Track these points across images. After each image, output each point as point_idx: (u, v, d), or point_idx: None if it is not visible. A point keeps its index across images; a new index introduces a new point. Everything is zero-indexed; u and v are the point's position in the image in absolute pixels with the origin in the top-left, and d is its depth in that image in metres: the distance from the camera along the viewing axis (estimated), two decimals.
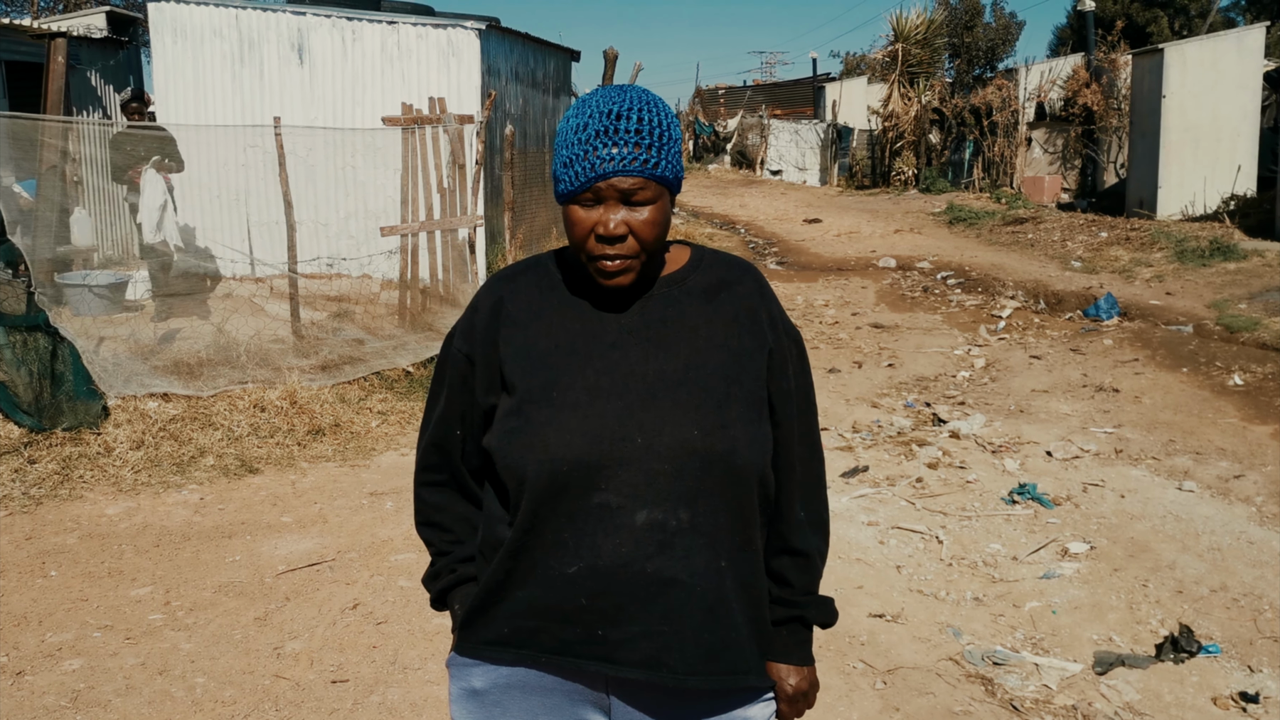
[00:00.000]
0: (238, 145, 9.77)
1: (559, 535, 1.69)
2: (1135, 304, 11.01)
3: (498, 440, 1.74)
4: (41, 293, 6.49)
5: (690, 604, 1.70)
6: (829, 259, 15.71)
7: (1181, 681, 3.99)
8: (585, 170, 1.65)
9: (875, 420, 7.46)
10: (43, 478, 5.85)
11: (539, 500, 1.68)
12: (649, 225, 1.67)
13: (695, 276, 1.81)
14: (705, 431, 1.68)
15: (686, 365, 1.72)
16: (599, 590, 1.68)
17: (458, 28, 11.28)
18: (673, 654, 1.70)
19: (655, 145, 1.66)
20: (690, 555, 1.69)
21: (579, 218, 1.68)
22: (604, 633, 1.70)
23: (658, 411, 1.69)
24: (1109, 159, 22.23)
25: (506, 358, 1.76)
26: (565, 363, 1.72)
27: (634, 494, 1.67)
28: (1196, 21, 31.27)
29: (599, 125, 1.65)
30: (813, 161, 32.06)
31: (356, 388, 7.44)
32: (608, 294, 1.76)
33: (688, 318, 1.76)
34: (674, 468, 1.67)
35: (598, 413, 1.68)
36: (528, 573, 1.72)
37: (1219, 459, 6.50)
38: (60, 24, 13.54)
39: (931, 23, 26.51)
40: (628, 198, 1.66)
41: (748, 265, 1.88)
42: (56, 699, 3.77)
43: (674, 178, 1.71)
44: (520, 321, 1.78)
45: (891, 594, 4.72)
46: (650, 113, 1.68)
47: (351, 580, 4.78)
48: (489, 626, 1.77)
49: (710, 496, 1.69)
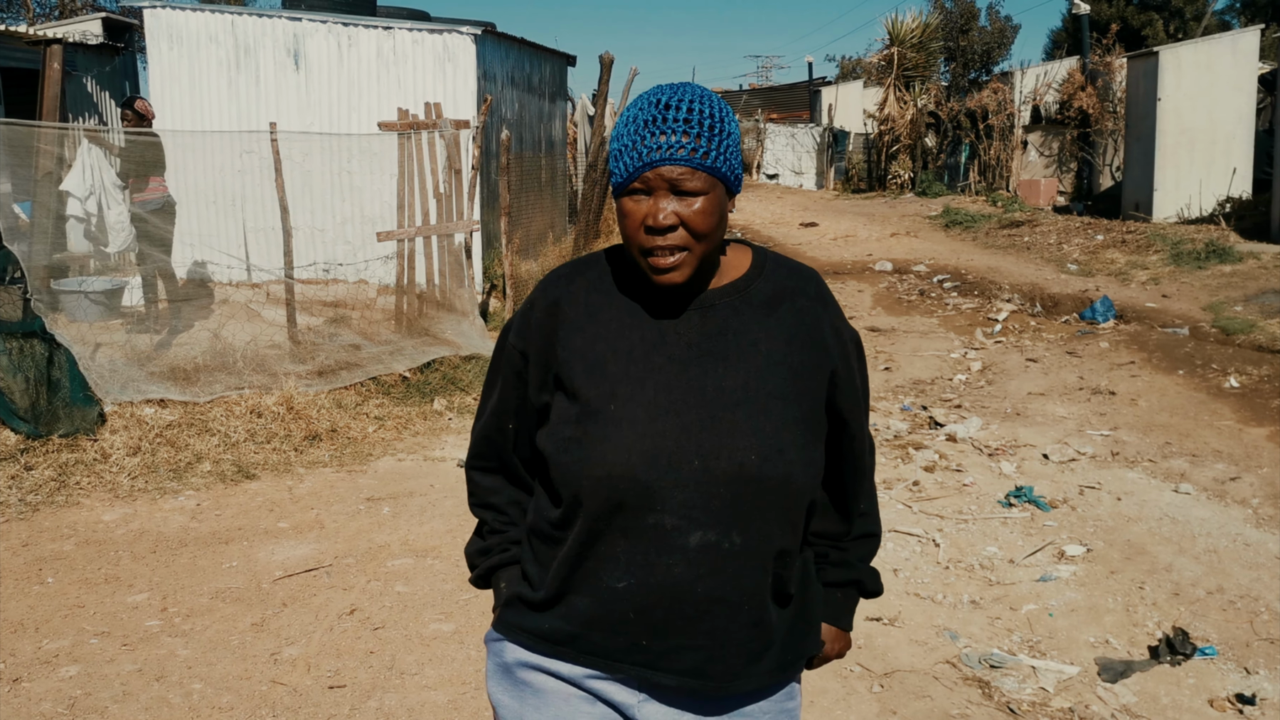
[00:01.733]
0: (234, 151, 9.77)
1: (613, 550, 1.69)
2: (1131, 307, 11.02)
3: (553, 447, 1.73)
4: (38, 299, 6.49)
5: (736, 620, 1.71)
6: (825, 263, 15.71)
7: (1178, 684, 3.99)
8: (634, 160, 1.63)
9: (872, 424, 7.46)
10: (39, 484, 5.85)
11: (594, 516, 1.69)
12: (701, 215, 1.63)
13: (758, 284, 1.77)
14: (763, 457, 1.67)
15: (746, 383, 1.70)
16: (648, 606, 1.69)
17: (453, 33, 11.29)
18: (716, 664, 1.72)
19: (706, 135, 1.62)
20: (740, 576, 1.70)
21: (629, 210, 1.65)
22: (648, 643, 1.71)
23: (716, 434, 1.67)
24: (1105, 162, 22.27)
25: (565, 360, 1.74)
26: (624, 373, 1.70)
27: (689, 516, 1.66)
28: (1191, 24, 31.34)
29: (648, 115, 1.63)
30: (809, 165, 32.10)
31: (353, 393, 7.44)
32: (662, 294, 1.73)
33: (749, 331, 1.73)
34: (731, 492, 1.66)
35: (657, 431, 1.67)
36: (579, 581, 1.73)
37: (1215, 461, 6.51)
38: (56, 30, 13.54)
39: (927, 26, 26.57)
40: (677, 188, 1.62)
41: (810, 272, 1.85)
42: (54, 706, 3.76)
43: (729, 172, 1.66)
44: (578, 324, 1.75)
45: (888, 597, 4.72)
46: (703, 104, 1.64)
47: (349, 586, 4.78)
48: (531, 619, 1.78)
49: (764, 520, 1.69)
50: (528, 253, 12.68)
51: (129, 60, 14.75)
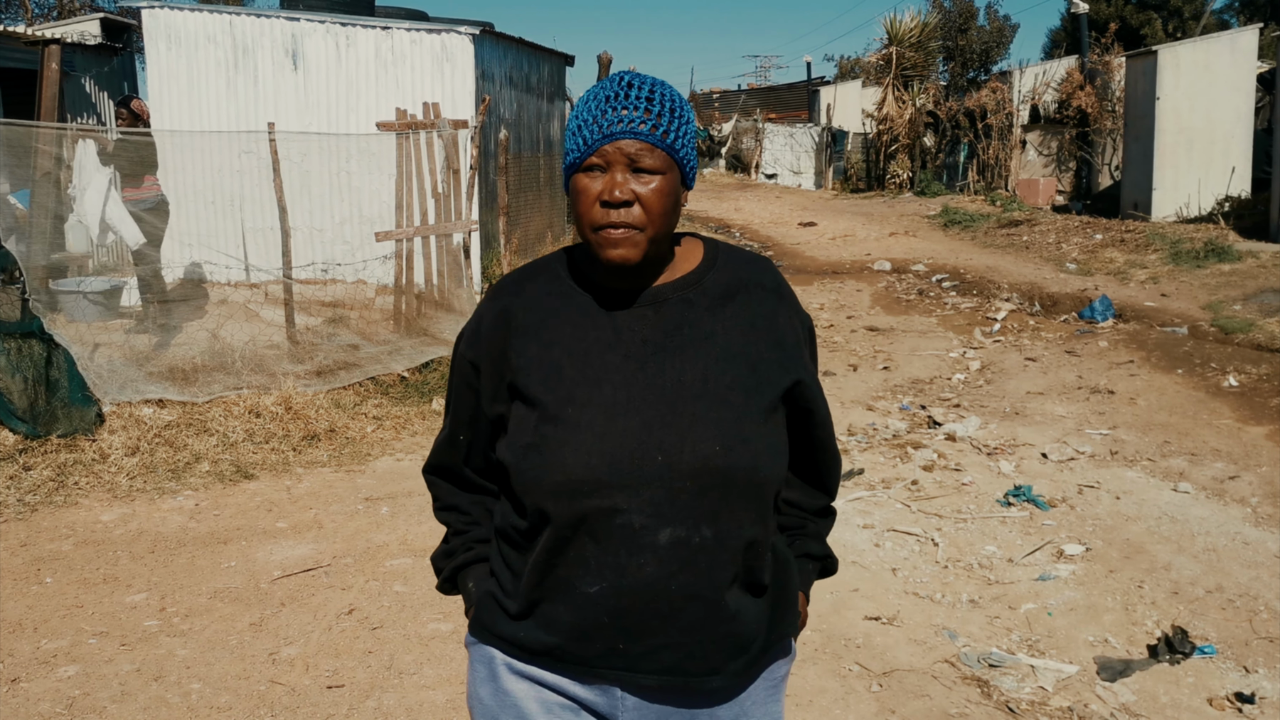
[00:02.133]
0: (232, 151, 9.76)
1: (582, 555, 1.67)
2: (1130, 306, 11.03)
3: (513, 456, 1.71)
4: (36, 299, 6.48)
5: (713, 615, 1.69)
6: (824, 262, 15.72)
7: (1177, 682, 3.99)
8: (593, 134, 1.62)
9: (871, 423, 7.46)
10: (38, 484, 5.84)
11: (560, 522, 1.66)
12: (657, 195, 1.62)
13: (711, 276, 1.76)
14: (727, 447, 1.65)
15: (704, 376, 1.68)
16: (622, 609, 1.67)
17: (451, 33, 11.28)
18: (695, 660, 1.70)
19: (666, 115, 1.63)
20: (713, 569, 1.68)
21: (584, 186, 1.64)
22: (625, 646, 1.69)
23: (678, 428, 1.65)
24: (1104, 161, 22.28)
25: (520, 368, 1.72)
26: (580, 376, 1.68)
27: (657, 513, 1.64)
28: (1190, 24, 31.35)
29: (610, 92, 1.63)
30: (807, 165, 32.10)
31: (352, 393, 7.43)
32: (615, 291, 1.71)
33: (704, 324, 1.72)
34: (697, 486, 1.64)
35: (616, 431, 1.65)
36: (552, 589, 1.71)
37: (1214, 460, 6.51)
38: (54, 31, 13.53)
39: (925, 26, 26.58)
40: (635, 164, 1.61)
41: (764, 261, 1.85)
42: (52, 706, 3.76)
43: (684, 157, 1.66)
44: (530, 331, 1.73)
45: (887, 596, 4.72)
46: (665, 90, 1.66)
47: (347, 585, 4.77)
48: (508, 626, 1.77)
49: (732, 512, 1.68)
50: (526, 252, 12.67)
51: (127, 61, 14.74)
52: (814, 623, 4.38)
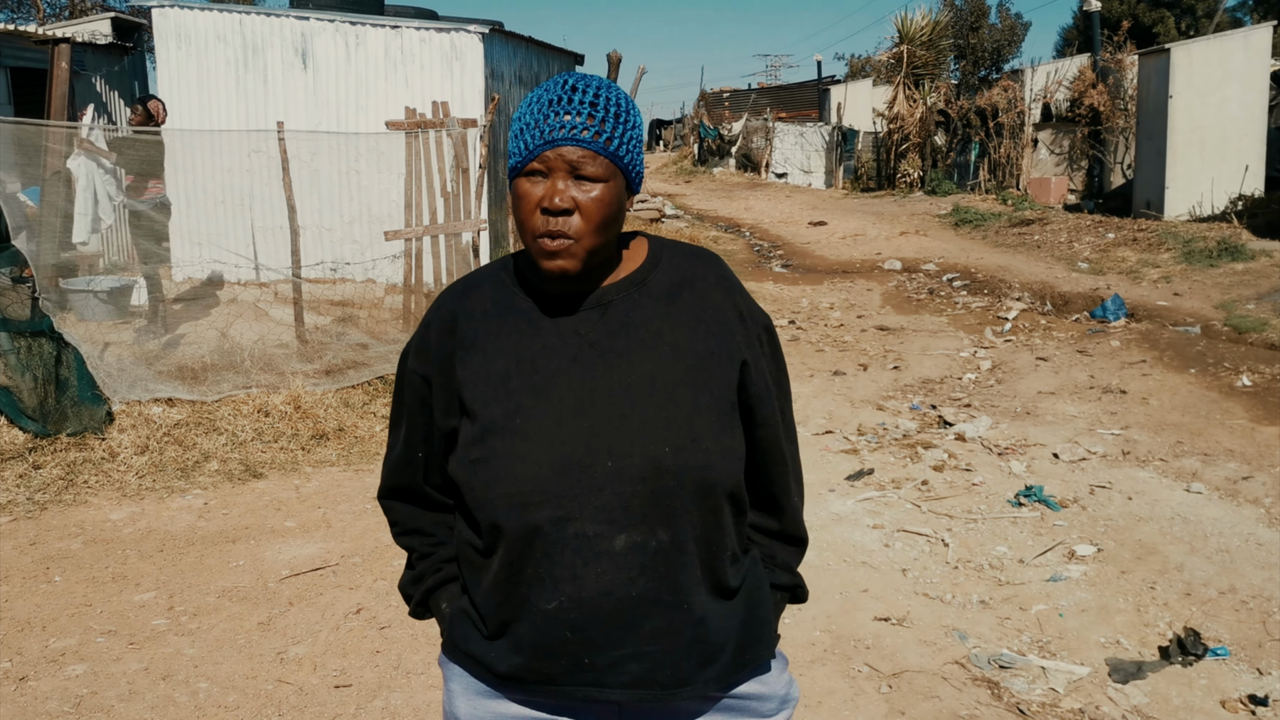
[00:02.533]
0: (242, 150, 9.78)
1: (537, 570, 1.62)
2: (1142, 305, 10.97)
3: (462, 471, 1.67)
4: (46, 298, 6.49)
5: (677, 620, 1.64)
6: (834, 261, 15.68)
7: (1190, 685, 3.96)
8: (534, 139, 1.58)
9: (881, 423, 7.43)
10: (47, 483, 5.85)
11: (512, 537, 1.62)
12: (597, 204, 1.58)
13: (656, 275, 1.72)
14: (676, 448, 1.61)
15: (652, 376, 1.64)
16: (583, 623, 1.62)
17: (461, 31, 11.28)
18: (663, 670, 1.65)
19: (610, 121, 1.59)
20: (674, 573, 1.63)
21: (525, 191, 1.60)
22: (590, 660, 1.64)
23: (625, 431, 1.61)
24: (1116, 160, 22.18)
25: (465, 382, 1.68)
26: (526, 384, 1.64)
27: (610, 519, 1.60)
28: (1203, 21, 31.20)
29: (553, 95, 1.59)
30: (818, 164, 32.03)
31: (360, 392, 7.43)
32: (558, 296, 1.68)
33: (650, 322, 1.68)
34: (648, 488, 1.60)
35: (563, 438, 1.61)
36: (516, 607, 1.66)
37: (1227, 460, 6.46)
38: (65, 30, 13.57)
39: (937, 24, 26.49)
40: (577, 171, 1.57)
41: (710, 256, 1.80)
42: (59, 705, 3.76)
43: (629, 164, 1.63)
44: (476, 342, 1.69)
45: (897, 597, 4.69)
46: (610, 93, 1.61)
47: (355, 585, 4.77)
48: (480, 647, 1.73)
49: (688, 513, 1.63)
50: None
51: (138, 60, 14.77)
52: (823, 623, 4.36)
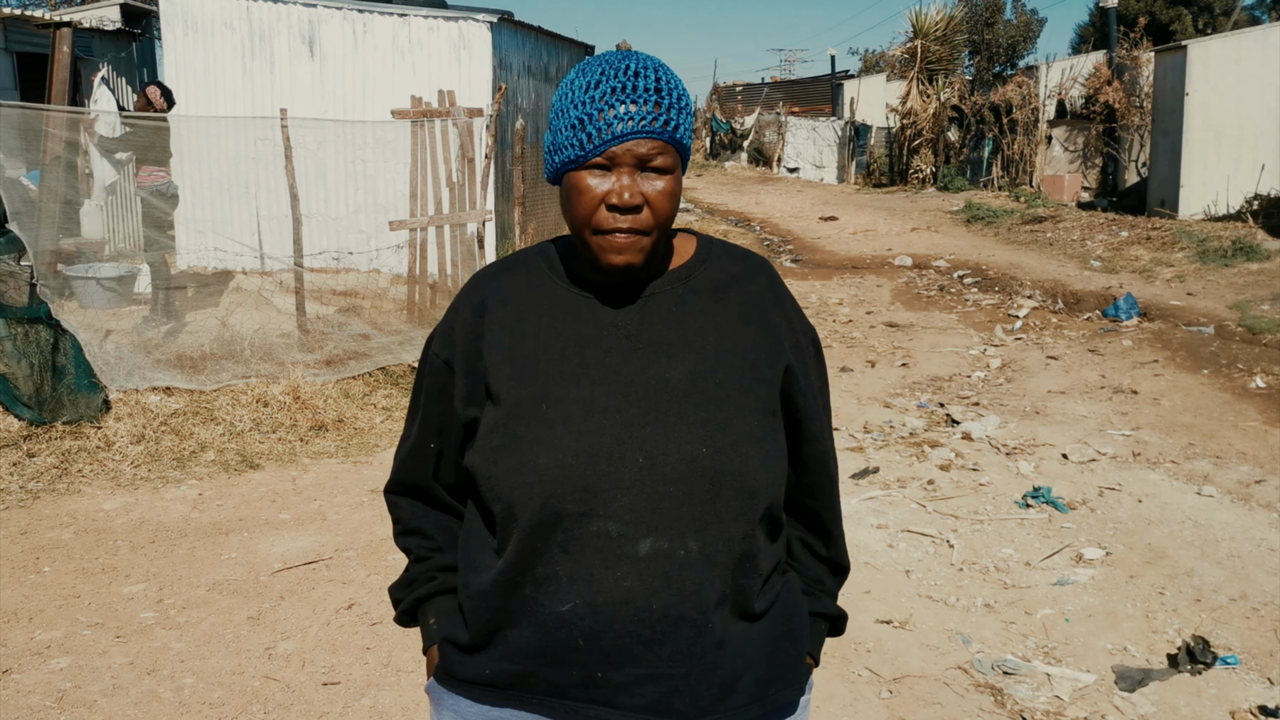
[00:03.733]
0: (248, 138, 9.71)
1: (551, 568, 1.51)
2: (1155, 304, 10.83)
3: (480, 459, 1.56)
4: (44, 285, 6.42)
5: (700, 642, 1.52)
6: (844, 257, 15.56)
7: (1198, 694, 3.85)
8: (600, 131, 1.45)
9: (887, 420, 7.33)
10: (41, 471, 5.78)
11: (529, 529, 1.51)
12: (666, 197, 1.49)
13: (703, 271, 1.62)
14: (715, 449, 1.50)
15: (693, 373, 1.54)
16: (597, 630, 1.50)
17: (469, 20, 11.18)
18: (683, 698, 1.53)
19: (675, 107, 1.49)
20: (701, 589, 1.51)
21: (587, 186, 1.48)
22: (604, 675, 1.52)
23: (662, 427, 1.50)
24: (1130, 158, 21.99)
25: (491, 365, 1.57)
26: (556, 371, 1.54)
27: (636, 520, 1.49)
28: (1221, 19, 30.94)
29: (615, 82, 1.47)
30: (830, 159, 31.88)
31: (361, 383, 7.36)
32: (607, 285, 1.57)
33: (694, 319, 1.57)
34: (681, 491, 1.49)
35: (593, 429, 1.50)
36: (517, 611, 1.54)
37: (1240, 463, 6.34)
38: (73, 16, 13.52)
39: (951, 19, 26.29)
40: (645, 164, 1.47)
41: (760, 260, 1.70)
42: (42, 699, 3.68)
43: (688, 148, 1.54)
44: (507, 324, 1.59)
45: (900, 599, 4.59)
46: (669, 75, 1.51)
47: (348, 579, 4.69)
48: (471, 665, 1.61)
49: (721, 523, 1.51)
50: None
51: (146, 46, 14.71)
52: None
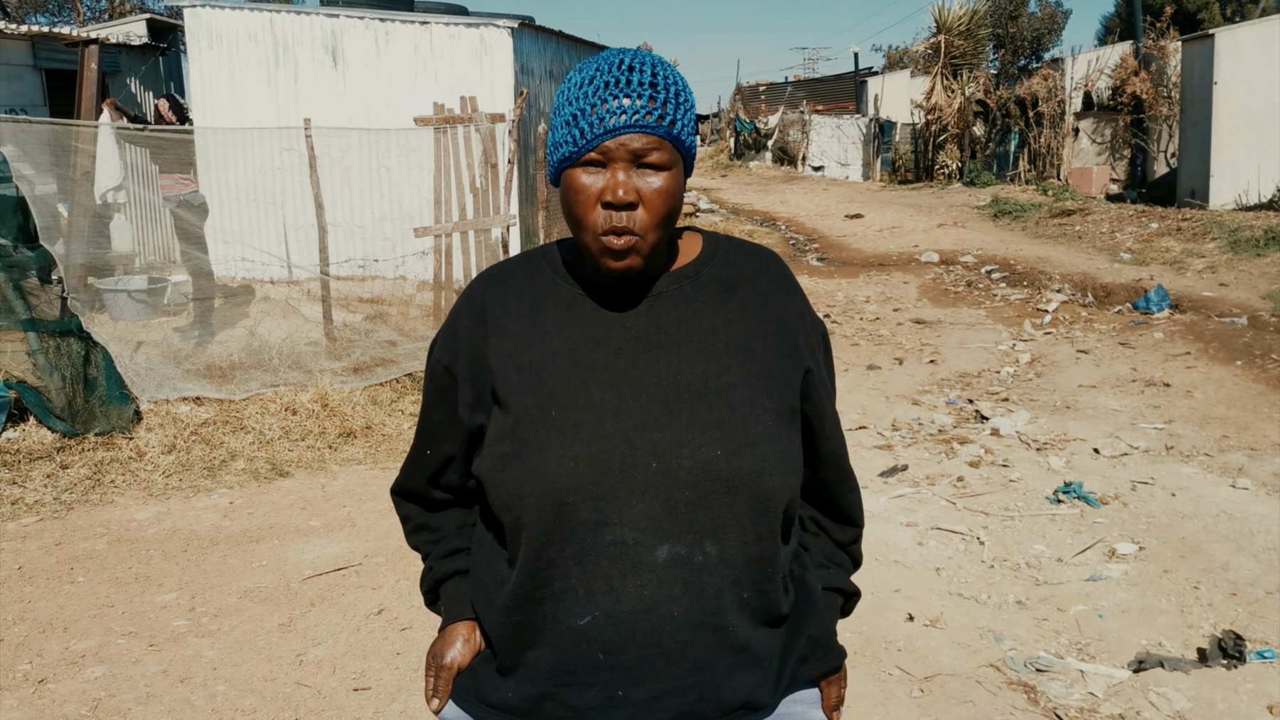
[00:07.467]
0: (273, 148, 9.80)
1: (567, 582, 1.47)
2: (1187, 296, 10.71)
3: (489, 468, 1.52)
4: (75, 298, 6.50)
5: (721, 649, 1.49)
6: (870, 254, 15.49)
7: (1235, 689, 3.80)
8: (593, 126, 1.43)
9: (916, 418, 7.28)
10: (74, 483, 5.85)
11: (542, 540, 1.47)
12: (662, 195, 1.45)
13: (710, 268, 1.59)
14: (730, 451, 1.47)
15: (704, 374, 1.50)
16: (618, 644, 1.46)
17: (490, 26, 11.22)
18: (707, 703, 1.50)
19: (671, 102, 1.45)
20: (720, 594, 1.48)
21: (581, 185, 1.45)
22: (625, 693, 1.47)
23: (674, 430, 1.47)
24: (1159, 148, 21.75)
25: (497, 370, 1.54)
26: (565, 376, 1.50)
27: (652, 527, 1.45)
28: (1249, 7, 30.59)
29: (609, 77, 1.44)
30: (855, 157, 31.73)
31: (388, 390, 7.39)
32: (605, 286, 1.55)
33: (703, 317, 1.54)
34: (697, 495, 1.46)
35: (605, 434, 1.46)
36: (535, 629, 1.50)
37: (1275, 455, 6.26)
38: (101, 32, 13.68)
39: (975, 13, 26.10)
40: (640, 159, 1.44)
41: (769, 254, 1.67)
42: (77, 708, 3.72)
43: (690, 146, 1.49)
44: (511, 329, 1.55)
45: (930, 597, 4.56)
46: (667, 70, 1.48)
47: (378, 585, 4.71)
48: (493, 688, 1.57)
49: (739, 526, 1.48)
50: None
51: (173, 61, 14.88)
52: (853, 624, 4.24)
